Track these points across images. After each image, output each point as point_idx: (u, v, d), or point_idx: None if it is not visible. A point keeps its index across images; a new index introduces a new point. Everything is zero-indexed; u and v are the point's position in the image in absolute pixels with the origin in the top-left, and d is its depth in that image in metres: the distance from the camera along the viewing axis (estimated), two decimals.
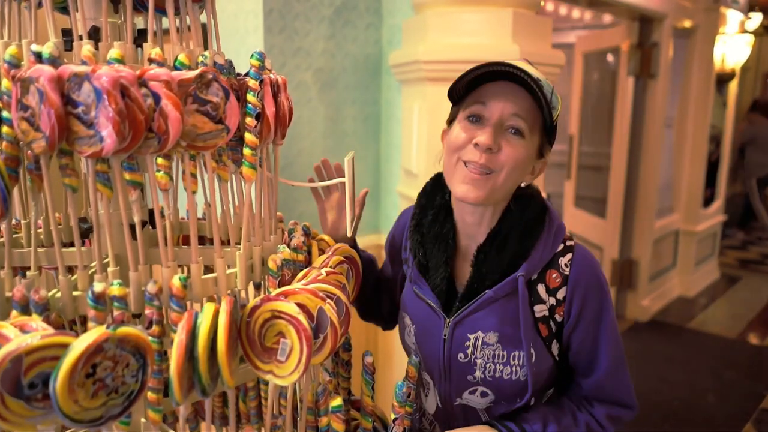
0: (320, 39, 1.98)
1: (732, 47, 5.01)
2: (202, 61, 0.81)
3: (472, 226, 1.07)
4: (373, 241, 2.35)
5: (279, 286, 0.87)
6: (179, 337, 0.69)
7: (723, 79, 5.08)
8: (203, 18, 0.95)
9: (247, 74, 0.85)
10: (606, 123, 4.42)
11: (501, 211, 1.06)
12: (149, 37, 0.82)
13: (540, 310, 1.04)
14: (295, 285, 0.85)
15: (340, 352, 1.11)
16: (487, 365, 1.03)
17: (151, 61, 0.78)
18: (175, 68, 0.79)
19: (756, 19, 5.78)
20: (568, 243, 1.06)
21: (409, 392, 0.99)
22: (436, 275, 1.08)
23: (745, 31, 5.20)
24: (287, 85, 0.95)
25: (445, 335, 1.06)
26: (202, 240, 1.05)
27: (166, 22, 0.88)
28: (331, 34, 2.02)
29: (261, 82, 0.84)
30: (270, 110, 0.85)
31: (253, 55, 0.83)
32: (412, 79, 1.99)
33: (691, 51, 4.60)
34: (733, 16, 4.90)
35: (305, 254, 1.01)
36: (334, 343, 0.82)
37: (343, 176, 1.15)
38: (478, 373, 1.04)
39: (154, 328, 0.75)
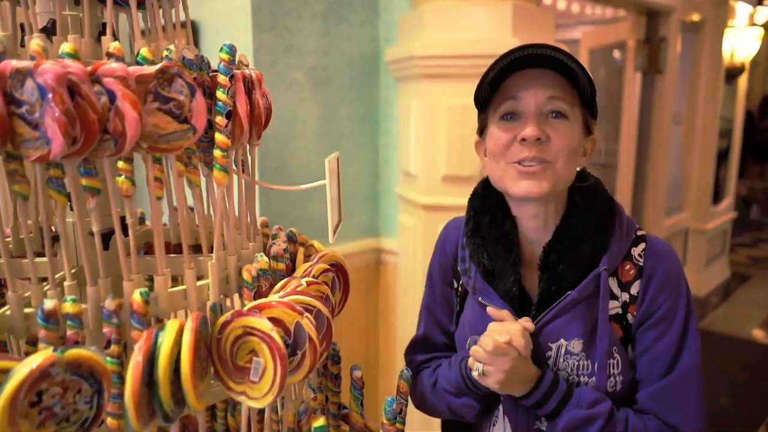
0: (313, 36, 1.91)
1: (741, 41, 4.90)
2: (166, 56, 0.74)
3: (536, 231, 0.99)
4: (372, 245, 2.29)
5: (255, 299, 0.81)
6: (135, 360, 0.62)
7: (732, 74, 4.97)
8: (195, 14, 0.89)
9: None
10: (613, 120, 4.33)
11: (564, 207, 0.98)
12: (108, 30, 0.75)
13: (613, 308, 0.95)
14: (272, 297, 0.78)
15: (328, 365, 1.04)
16: (571, 378, 0.94)
17: (109, 56, 0.71)
18: (137, 64, 0.73)
19: (765, 11, 5.66)
20: (640, 233, 0.98)
21: (400, 408, 0.93)
22: (506, 280, 0.98)
23: (755, 24, 5.09)
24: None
25: None
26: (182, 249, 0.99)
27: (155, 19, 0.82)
28: (324, 31, 1.95)
29: (231, 77, 0.77)
30: (242, 108, 0.79)
31: (222, 48, 0.77)
32: (409, 76, 1.92)
33: (699, 45, 4.50)
34: (742, 9, 4.80)
35: (288, 262, 0.95)
36: (313, 361, 0.76)
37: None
38: None
39: (113, 348, 0.68)
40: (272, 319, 0.74)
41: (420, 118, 1.85)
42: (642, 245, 0.96)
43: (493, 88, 0.94)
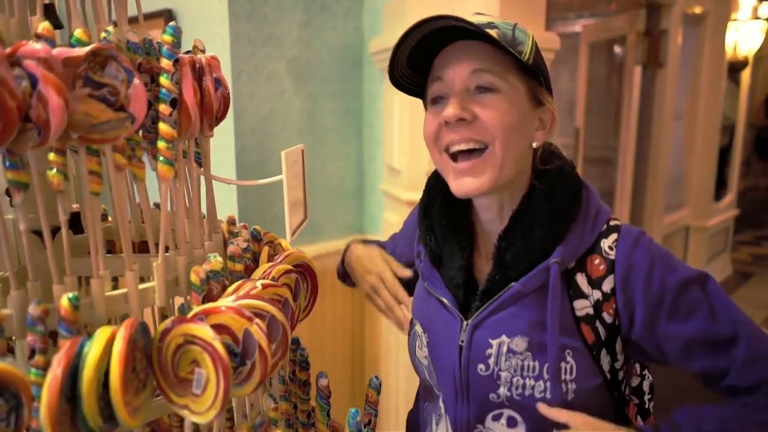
0: (294, 26, 1.84)
1: (744, 34, 4.81)
2: (104, 38, 0.68)
3: (492, 220, 0.91)
4: None
5: (205, 303, 0.74)
6: (52, 373, 0.56)
7: (735, 68, 4.89)
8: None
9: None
10: (613, 115, 4.25)
11: (523, 191, 0.88)
12: (37, 9, 0.69)
13: (582, 307, 0.84)
14: (221, 302, 0.72)
15: (296, 372, 0.98)
16: (514, 380, 0.84)
17: (38, 37, 0.65)
18: (72, 46, 0.66)
19: None
20: (613, 223, 0.87)
21: (368, 419, 0.87)
22: (451, 266, 0.91)
23: (758, 17, 5.00)
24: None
25: (461, 341, 0.88)
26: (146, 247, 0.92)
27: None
28: (306, 21, 1.88)
29: (176, 62, 0.71)
30: (190, 96, 0.72)
31: (165, 30, 0.70)
32: None
33: (701, 38, 4.42)
34: (745, 2, 4.72)
35: (248, 263, 0.89)
36: (264, 372, 0.69)
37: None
38: (502, 390, 0.85)
39: (38, 358, 0.62)
40: (219, 326, 0.68)
41: (404, 111, 1.79)
42: (613, 236, 0.85)
43: (420, 72, 0.87)
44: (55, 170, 0.67)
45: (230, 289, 0.76)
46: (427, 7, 1.73)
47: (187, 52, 0.79)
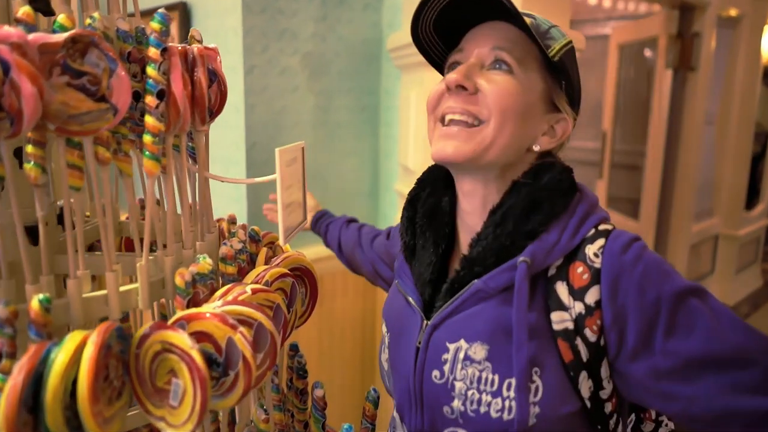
0: (309, 20, 1.80)
1: None
2: (89, 24, 0.64)
3: (473, 214, 0.83)
4: None
5: (189, 308, 0.70)
6: (12, 380, 0.52)
7: None
8: None
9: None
10: (642, 119, 4.14)
11: (508, 189, 0.81)
12: None
13: (560, 320, 0.73)
14: (206, 307, 0.68)
15: (294, 379, 0.93)
16: (469, 393, 0.74)
17: (18, 22, 0.61)
18: (54, 33, 0.63)
19: None
20: (603, 227, 0.77)
21: None
22: (422, 261, 0.85)
23: None
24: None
25: (419, 343, 0.81)
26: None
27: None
28: (322, 15, 1.84)
29: (164, 51, 0.66)
30: (178, 87, 0.68)
31: (154, 17, 0.66)
32: (411, 64, 1.79)
33: (736, 42, 4.27)
34: None
35: (244, 265, 0.84)
36: (248, 384, 0.65)
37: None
38: (456, 403, 0.75)
39: (4, 362, 0.58)
40: (201, 334, 0.64)
41: (420, 109, 1.73)
42: (600, 241, 0.75)
43: (448, 43, 0.84)
44: (32, 163, 0.63)
45: (218, 293, 0.72)
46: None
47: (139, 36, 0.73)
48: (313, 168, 1.89)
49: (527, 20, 0.76)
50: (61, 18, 0.63)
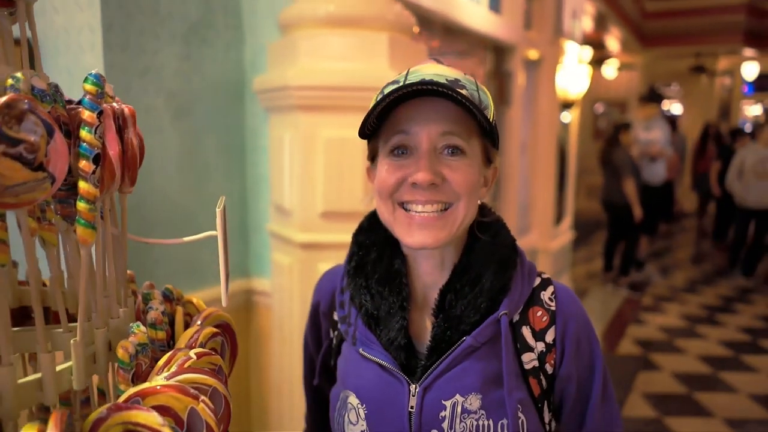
0: (173, 58, 1.73)
1: (572, 77, 5.42)
2: (12, 85, 0.59)
3: (431, 273, 0.89)
4: (242, 286, 2.10)
5: (133, 382, 0.66)
6: None
7: (567, 105, 5.48)
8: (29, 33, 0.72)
9: (79, 102, 0.64)
10: None
11: (463, 244, 0.88)
12: None
13: (529, 360, 0.85)
14: (156, 380, 0.64)
15: None
16: None
17: None
18: None
19: (587, 52, 6.32)
20: (544, 276, 0.91)
21: None
22: (390, 327, 0.85)
23: (582, 63, 5.66)
24: (140, 110, 0.75)
25: (411, 407, 0.83)
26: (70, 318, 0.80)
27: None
28: (186, 54, 1.78)
29: (100, 113, 0.63)
30: (114, 150, 0.65)
31: (87, 78, 0.63)
32: (282, 106, 1.81)
33: (538, 80, 4.90)
34: (572, 49, 5.31)
35: (167, 327, 0.81)
36: None
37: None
38: None
39: None
40: (159, 408, 0.60)
41: (295, 150, 1.75)
42: (551, 288, 0.90)
43: (382, 118, 0.83)
44: None
45: (160, 362, 0.69)
46: (316, 48, 1.73)
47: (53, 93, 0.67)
48: (183, 214, 1.80)
49: (464, 92, 0.76)
50: None
